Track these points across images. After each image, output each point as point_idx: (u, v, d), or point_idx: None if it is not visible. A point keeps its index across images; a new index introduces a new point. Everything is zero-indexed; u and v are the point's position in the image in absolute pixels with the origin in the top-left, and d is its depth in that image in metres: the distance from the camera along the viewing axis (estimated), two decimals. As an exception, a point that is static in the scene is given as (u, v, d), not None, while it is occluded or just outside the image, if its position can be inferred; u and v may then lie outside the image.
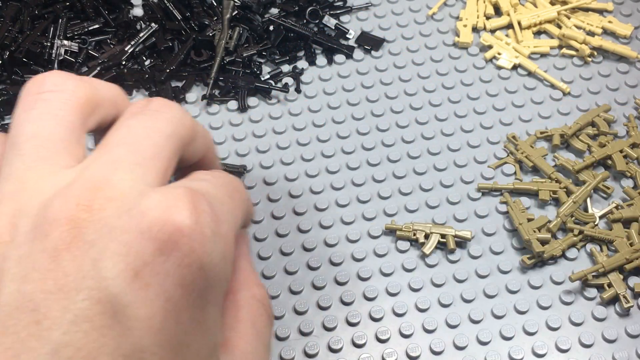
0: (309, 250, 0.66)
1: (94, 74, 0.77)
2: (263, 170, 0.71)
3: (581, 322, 0.61)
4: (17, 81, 0.75)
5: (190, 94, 0.77)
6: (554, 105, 0.76)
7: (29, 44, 0.76)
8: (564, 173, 0.69)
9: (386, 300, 0.63)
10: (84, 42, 0.79)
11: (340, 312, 0.62)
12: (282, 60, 0.80)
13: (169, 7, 0.81)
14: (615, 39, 0.81)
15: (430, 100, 0.76)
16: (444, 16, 0.84)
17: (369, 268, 0.64)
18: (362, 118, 0.75)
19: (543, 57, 0.80)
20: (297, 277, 0.64)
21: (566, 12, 0.82)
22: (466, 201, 0.69)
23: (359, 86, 0.78)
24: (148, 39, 0.80)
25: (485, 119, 0.74)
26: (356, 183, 0.70)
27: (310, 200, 0.69)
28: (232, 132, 0.74)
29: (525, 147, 0.71)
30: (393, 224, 0.66)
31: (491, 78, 0.78)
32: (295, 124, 0.75)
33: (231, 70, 0.78)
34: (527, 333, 0.60)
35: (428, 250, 0.64)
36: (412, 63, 0.80)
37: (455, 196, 0.69)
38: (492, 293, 0.62)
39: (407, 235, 0.65)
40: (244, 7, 0.82)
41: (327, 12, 0.84)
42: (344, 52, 0.80)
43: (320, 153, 0.72)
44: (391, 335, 0.61)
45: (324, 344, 0.60)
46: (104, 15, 0.81)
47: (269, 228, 0.67)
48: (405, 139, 0.73)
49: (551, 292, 0.62)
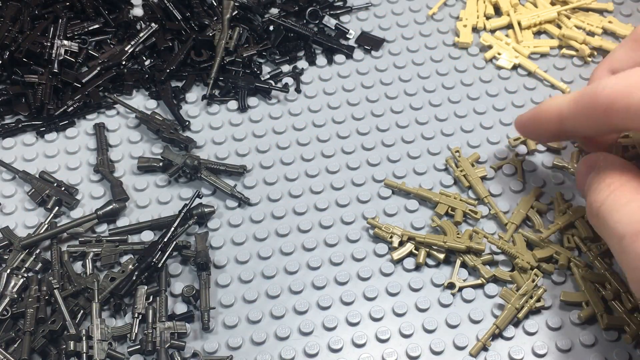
0: (309, 250, 0.66)
1: (93, 74, 0.77)
2: (263, 170, 0.71)
3: (581, 322, 0.61)
4: (17, 81, 0.75)
5: (190, 94, 0.77)
6: (554, 105, 0.76)
7: (29, 44, 0.76)
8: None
9: (386, 300, 0.63)
10: (84, 42, 0.79)
11: (340, 312, 0.62)
12: (282, 60, 0.80)
13: (169, 7, 0.81)
14: (615, 39, 0.81)
15: (430, 100, 0.76)
16: (444, 16, 0.84)
17: (369, 268, 0.64)
18: (362, 118, 0.75)
19: (543, 57, 0.80)
20: (297, 277, 0.64)
21: (566, 12, 0.82)
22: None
23: (359, 86, 0.78)
24: (148, 39, 0.80)
25: (485, 119, 0.74)
26: (356, 183, 0.70)
27: (310, 200, 0.69)
28: (232, 132, 0.74)
29: (465, 165, 0.69)
30: (374, 221, 0.66)
31: (491, 78, 0.78)
32: (295, 124, 0.75)
33: (231, 70, 0.78)
34: (527, 333, 0.60)
35: (396, 257, 0.64)
36: (412, 63, 0.80)
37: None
38: (492, 293, 0.62)
39: (382, 235, 0.65)
40: (244, 7, 0.82)
41: (327, 12, 0.84)
42: (344, 52, 0.80)
43: (320, 153, 0.72)
44: (391, 335, 0.61)
45: (324, 344, 0.60)
46: (104, 15, 0.81)
47: (269, 228, 0.67)
48: (405, 139, 0.73)
49: (551, 292, 0.63)
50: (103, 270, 0.64)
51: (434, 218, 0.66)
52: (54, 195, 0.68)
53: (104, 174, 0.70)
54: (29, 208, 0.68)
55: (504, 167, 0.70)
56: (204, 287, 0.62)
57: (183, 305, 0.62)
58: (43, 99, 0.74)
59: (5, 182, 0.71)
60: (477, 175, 0.69)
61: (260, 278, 0.64)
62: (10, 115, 0.75)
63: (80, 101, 0.75)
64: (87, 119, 0.75)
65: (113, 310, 0.61)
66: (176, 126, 0.73)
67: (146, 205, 0.69)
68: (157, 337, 0.59)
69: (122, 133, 0.74)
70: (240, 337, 0.60)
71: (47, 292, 0.61)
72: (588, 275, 0.62)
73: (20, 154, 0.73)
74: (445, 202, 0.67)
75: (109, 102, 0.76)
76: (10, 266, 0.63)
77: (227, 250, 0.66)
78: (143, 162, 0.71)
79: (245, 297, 0.62)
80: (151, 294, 0.61)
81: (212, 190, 0.69)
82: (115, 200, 0.68)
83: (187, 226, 0.64)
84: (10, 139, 0.73)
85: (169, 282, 0.63)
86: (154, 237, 0.66)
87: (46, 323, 0.59)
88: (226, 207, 0.68)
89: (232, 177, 0.70)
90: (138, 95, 0.77)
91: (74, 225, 0.66)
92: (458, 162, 0.70)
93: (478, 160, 0.71)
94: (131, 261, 0.64)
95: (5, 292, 0.61)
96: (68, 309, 0.59)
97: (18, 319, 0.60)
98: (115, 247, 0.65)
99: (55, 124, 0.74)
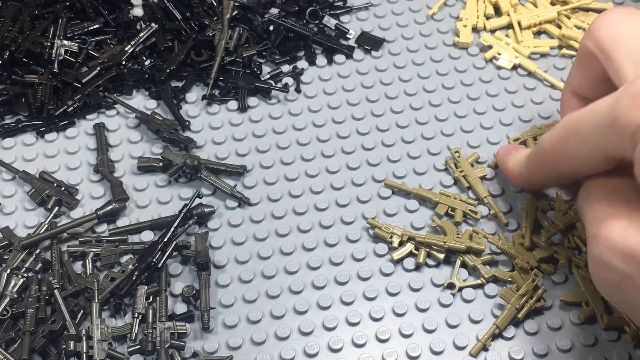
0: (309, 250, 0.66)
1: (93, 74, 0.77)
2: (263, 170, 0.71)
3: (580, 322, 0.61)
4: (17, 81, 0.75)
5: (190, 94, 0.77)
6: (554, 105, 0.76)
7: (29, 44, 0.76)
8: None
9: (386, 300, 0.63)
10: (84, 42, 0.79)
11: (340, 312, 0.62)
12: (282, 60, 0.80)
13: (169, 7, 0.81)
14: (615, 39, 0.81)
15: (430, 100, 0.76)
16: (444, 16, 0.84)
17: (369, 268, 0.64)
18: (362, 118, 0.75)
19: (543, 57, 0.80)
20: (297, 277, 0.64)
21: (566, 12, 0.82)
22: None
23: (359, 86, 0.78)
24: (148, 39, 0.80)
25: (485, 119, 0.74)
26: (356, 183, 0.70)
27: (310, 200, 0.69)
28: (232, 132, 0.74)
29: (465, 166, 0.70)
30: (374, 221, 0.66)
31: (491, 78, 0.78)
32: (295, 124, 0.75)
33: (231, 70, 0.78)
34: (527, 333, 0.60)
35: (396, 257, 0.64)
36: (412, 63, 0.80)
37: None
38: (492, 293, 0.62)
39: (382, 235, 0.65)
40: (244, 7, 0.82)
41: (327, 12, 0.84)
42: (344, 52, 0.80)
43: (320, 153, 0.72)
44: (391, 335, 0.61)
45: (324, 344, 0.60)
46: (104, 15, 0.81)
47: (269, 228, 0.67)
48: (405, 139, 0.73)
49: (551, 292, 0.63)
50: (103, 270, 0.64)
51: (434, 218, 0.66)
52: (54, 195, 0.68)
53: (104, 174, 0.70)
54: (29, 208, 0.68)
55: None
56: (204, 287, 0.62)
57: (183, 305, 0.62)
58: (43, 99, 0.74)
59: (5, 182, 0.71)
60: (477, 176, 0.69)
61: (260, 278, 0.64)
62: (10, 115, 0.75)
63: (80, 101, 0.75)
64: (87, 119, 0.75)
65: (113, 310, 0.61)
66: (176, 126, 0.73)
67: (146, 205, 0.69)
68: (157, 337, 0.59)
69: (122, 133, 0.74)
70: (240, 337, 0.60)
71: (47, 292, 0.61)
72: (588, 275, 0.62)
73: (20, 154, 0.73)
74: (445, 202, 0.67)
75: (109, 102, 0.76)
76: (10, 266, 0.63)
77: (227, 250, 0.66)
78: (143, 162, 0.71)
79: (245, 297, 0.62)
80: (151, 294, 0.61)
81: (212, 190, 0.69)
82: (115, 200, 0.68)
83: (187, 226, 0.64)
84: (10, 139, 0.73)
85: (169, 282, 0.63)
86: (154, 237, 0.66)
87: (46, 323, 0.59)
88: (226, 207, 0.68)
89: (232, 177, 0.70)
90: (138, 95, 0.77)
91: (74, 225, 0.66)
92: (458, 163, 0.70)
93: (478, 160, 0.71)
94: (131, 261, 0.64)
95: (5, 292, 0.61)
96: (68, 309, 0.59)
97: (18, 319, 0.60)
98: (115, 247, 0.65)
99: (55, 124, 0.74)
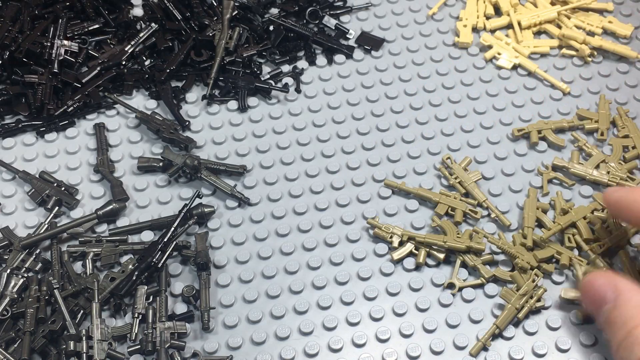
0: (309, 250, 0.66)
1: (93, 74, 0.77)
2: (263, 170, 0.71)
3: (580, 322, 0.61)
4: (17, 81, 0.75)
5: (190, 94, 0.77)
6: (554, 105, 0.76)
7: (29, 44, 0.76)
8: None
9: (386, 300, 0.63)
10: (84, 42, 0.79)
11: (340, 312, 0.62)
12: (282, 60, 0.80)
13: (169, 7, 0.81)
14: (615, 39, 0.81)
15: (430, 100, 0.76)
16: (444, 16, 0.84)
17: (369, 268, 0.64)
18: (362, 118, 0.75)
19: (543, 57, 0.80)
20: (297, 277, 0.64)
21: (566, 12, 0.82)
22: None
23: (359, 86, 0.78)
24: (148, 39, 0.80)
25: (485, 119, 0.74)
26: (356, 183, 0.70)
27: (310, 200, 0.69)
28: (232, 132, 0.74)
29: (459, 172, 0.69)
30: (374, 221, 0.66)
31: (491, 78, 0.78)
32: (295, 124, 0.75)
33: (231, 70, 0.78)
34: (527, 333, 0.60)
35: (396, 257, 0.64)
36: (412, 63, 0.80)
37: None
38: (492, 293, 0.62)
39: (382, 235, 0.65)
40: (244, 7, 0.82)
41: (327, 12, 0.84)
42: (344, 52, 0.80)
43: (320, 153, 0.72)
44: (391, 335, 0.61)
45: (324, 344, 0.60)
46: (104, 15, 0.81)
47: (269, 228, 0.67)
48: (405, 139, 0.73)
49: (551, 292, 0.63)
50: (103, 270, 0.64)
51: (434, 218, 0.66)
52: (54, 195, 0.68)
53: (104, 174, 0.70)
54: (29, 208, 0.68)
55: (504, 167, 0.70)
56: (204, 287, 0.62)
57: (183, 305, 0.62)
58: (43, 99, 0.74)
59: (5, 182, 0.71)
60: (472, 180, 0.68)
61: (260, 278, 0.64)
62: (10, 115, 0.75)
63: (80, 101, 0.75)
64: (87, 119, 0.75)
65: (113, 310, 0.61)
66: (176, 126, 0.73)
67: (146, 205, 0.69)
68: (157, 337, 0.59)
69: (122, 133, 0.74)
70: (240, 337, 0.60)
71: (47, 292, 0.61)
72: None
73: (20, 154, 0.73)
74: (445, 202, 0.67)
75: (109, 102, 0.76)
76: (10, 266, 0.63)
77: (227, 250, 0.66)
78: (143, 162, 0.71)
79: (245, 297, 0.62)
80: (151, 294, 0.61)
81: (212, 190, 0.69)
82: (115, 200, 0.68)
83: (187, 226, 0.64)
84: (10, 139, 0.73)
85: (169, 282, 0.63)
86: (154, 237, 0.66)
87: (46, 323, 0.59)
88: (226, 207, 0.68)
89: (232, 177, 0.70)
90: (138, 95, 0.77)
91: (74, 225, 0.66)
92: (451, 170, 0.70)
93: (470, 163, 0.70)
94: (131, 261, 0.64)
95: (5, 292, 0.61)
96: (68, 309, 0.59)
97: (18, 319, 0.60)
98: (115, 247, 0.65)
99: (55, 124, 0.74)
